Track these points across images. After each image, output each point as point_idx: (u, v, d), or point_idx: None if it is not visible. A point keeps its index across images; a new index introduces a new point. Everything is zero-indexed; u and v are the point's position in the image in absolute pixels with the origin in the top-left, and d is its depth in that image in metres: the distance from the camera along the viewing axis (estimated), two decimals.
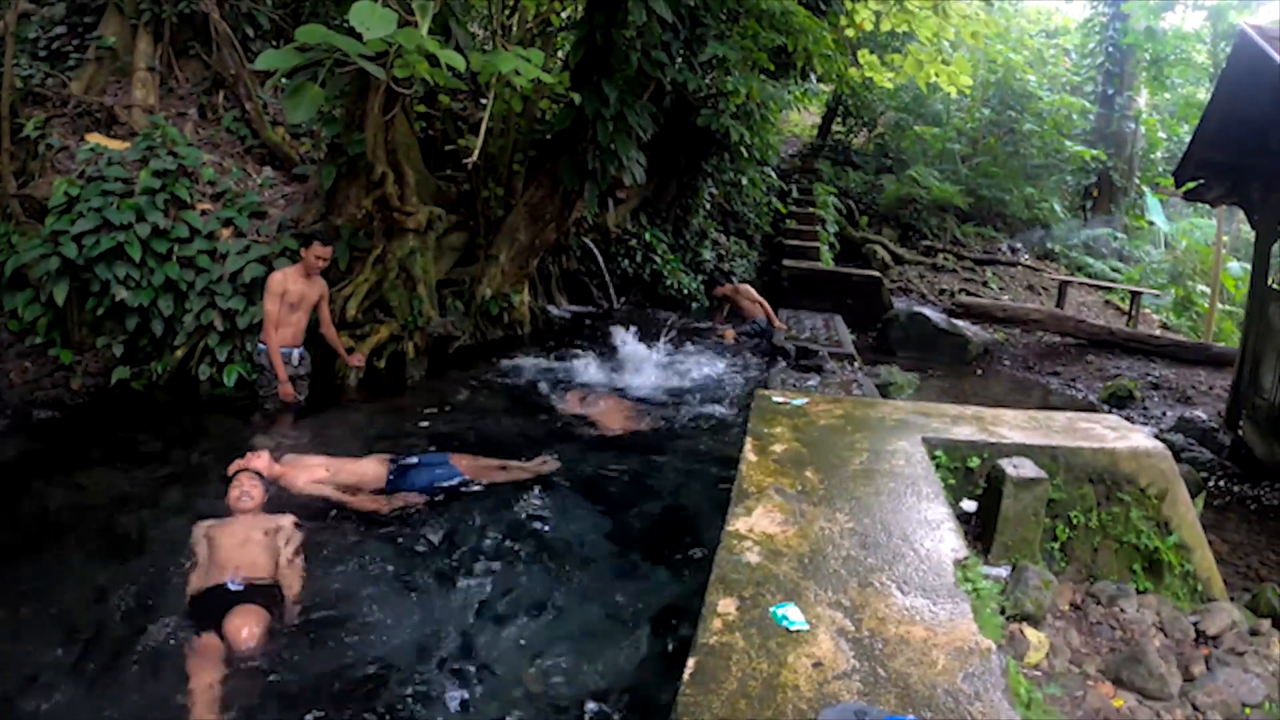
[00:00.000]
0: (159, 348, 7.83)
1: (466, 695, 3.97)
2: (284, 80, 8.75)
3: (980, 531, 4.51)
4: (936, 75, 12.47)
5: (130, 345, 7.73)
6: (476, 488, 5.88)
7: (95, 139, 8.66)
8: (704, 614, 3.10)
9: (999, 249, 19.73)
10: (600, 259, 12.63)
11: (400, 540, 5.25)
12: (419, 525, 5.41)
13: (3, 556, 5.01)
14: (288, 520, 5.05)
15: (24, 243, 7.54)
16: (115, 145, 8.54)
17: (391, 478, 5.75)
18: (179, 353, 7.82)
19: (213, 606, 4.32)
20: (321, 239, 7.28)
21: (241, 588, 4.42)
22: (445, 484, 5.78)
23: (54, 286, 7.40)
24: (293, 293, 7.20)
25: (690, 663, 2.82)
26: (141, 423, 7.15)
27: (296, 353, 7.37)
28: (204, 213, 8.26)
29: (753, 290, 11.86)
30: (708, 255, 14.17)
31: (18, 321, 7.57)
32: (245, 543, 4.73)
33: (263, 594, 4.44)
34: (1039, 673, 3.74)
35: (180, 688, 3.89)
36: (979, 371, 11.77)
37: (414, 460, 5.91)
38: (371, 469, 5.82)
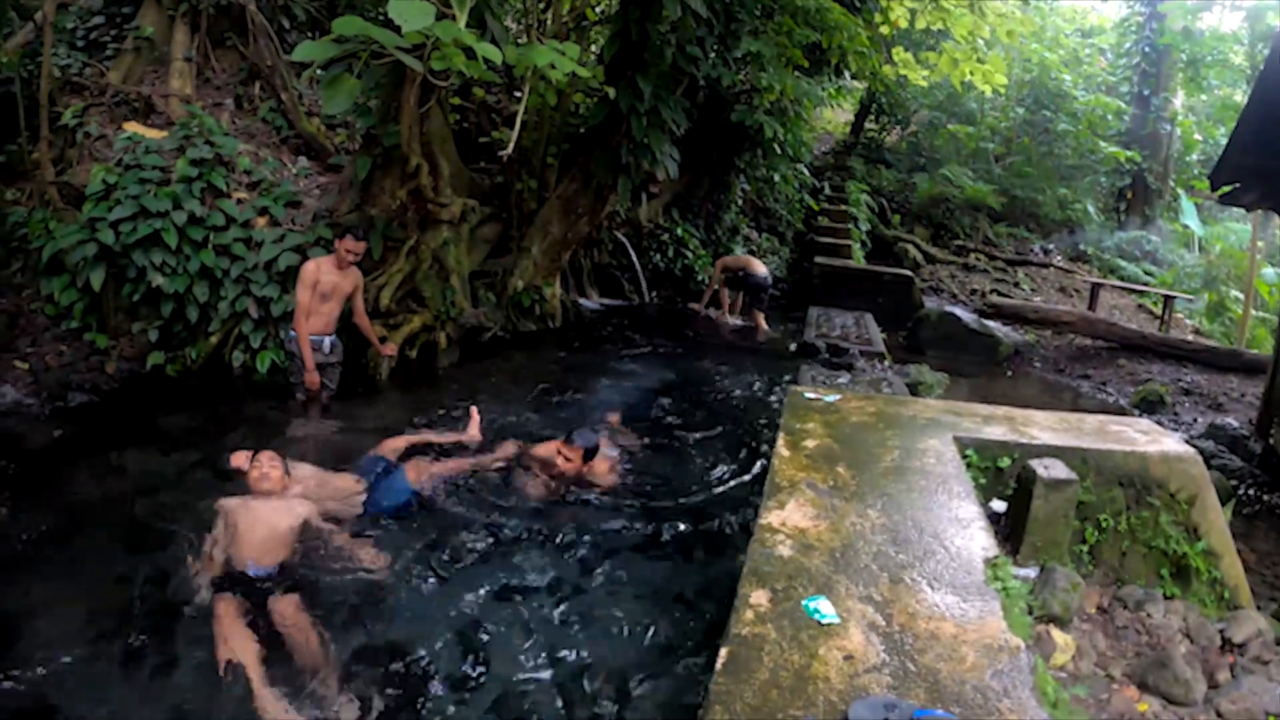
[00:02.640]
0: (194, 334, 7.90)
1: (489, 682, 4.00)
2: (320, 72, 8.87)
3: (1009, 532, 4.51)
4: (971, 74, 12.41)
5: (165, 331, 7.81)
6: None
7: (133, 128, 8.74)
8: (737, 605, 3.12)
9: (1031, 250, 19.59)
10: (632, 253, 12.66)
11: (418, 531, 5.29)
12: (437, 515, 5.47)
13: (39, 536, 5.09)
14: (309, 506, 5.04)
15: (61, 229, 7.63)
16: (152, 134, 8.62)
17: (367, 497, 5.59)
18: (213, 339, 7.89)
19: (236, 588, 4.38)
20: (354, 233, 7.31)
21: (264, 573, 4.48)
22: (403, 503, 5.60)
23: (91, 272, 7.48)
24: (325, 283, 7.24)
25: (723, 652, 2.85)
26: (175, 407, 7.22)
27: (328, 340, 7.42)
28: (240, 201, 8.34)
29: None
30: (739, 251, 14.14)
31: (54, 306, 7.66)
32: (265, 527, 4.76)
33: (287, 579, 4.49)
34: (1064, 674, 3.75)
35: (208, 665, 3.96)
36: (1009, 373, 11.71)
37: (376, 475, 5.73)
38: (350, 486, 5.63)
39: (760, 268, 12.12)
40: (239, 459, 5.61)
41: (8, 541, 5.02)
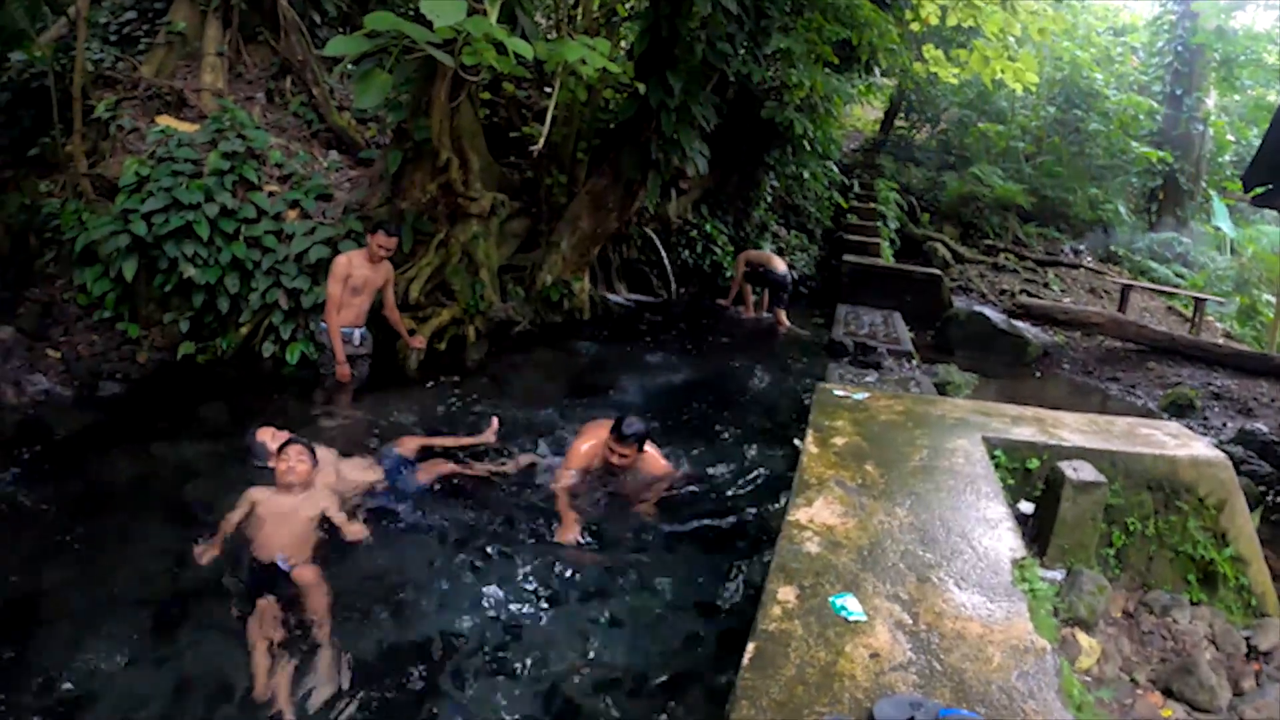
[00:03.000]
0: (224, 324, 7.97)
1: (513, 675, 4.02)
2: (351, 66, 8.92)
3: (1036, 534, 4.51)
4: (1002, 72, 12.33)
5: (196, 321, 7.87)
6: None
7: (165, 121, 8.81)
8: (764, 601, 3.14)
9: (1061, 250, 19.44)
10: (661, 249, 12.65)
11: (438, 523, 5.32)
12: (459, 509, 5.49)
13: (70, 522, 5.15)
14: (335, 502, 5.03)
15: (94, 220, 7.71)
16: (185, 127, 8.68)
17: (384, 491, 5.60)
18: (244, 330, 7.95)
19: (262, 580, 4.43)
20: (386, 229, 7.35)
21: (290, 566, 4.50)
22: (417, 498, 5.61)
23: (123, 263, 7.55)
24: (356, 277, 7.28)
25: (750, 648, 2.87)
26: (206, 397, 7.27)
27: (358, 333, 7.47)
28: (271, 194, 8.40)
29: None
30: (768, 248, 14.12)
31: (86, 296, 7.74)
32: (291, 521, 4.77)
33: (311, 571, 4.52)
34: (1089, 678, 3.75)
35: (234, 652, 4.02)
36: (1038, 374, 11.63)
37: (393, 470, 5.74)
38: (369, 478, 5.64)
39: (781, 265, 12.13)
40: (264, 434, 5.63)
41: (40, 527, 5.10)
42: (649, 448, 5.83)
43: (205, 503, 5.37)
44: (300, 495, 4.94)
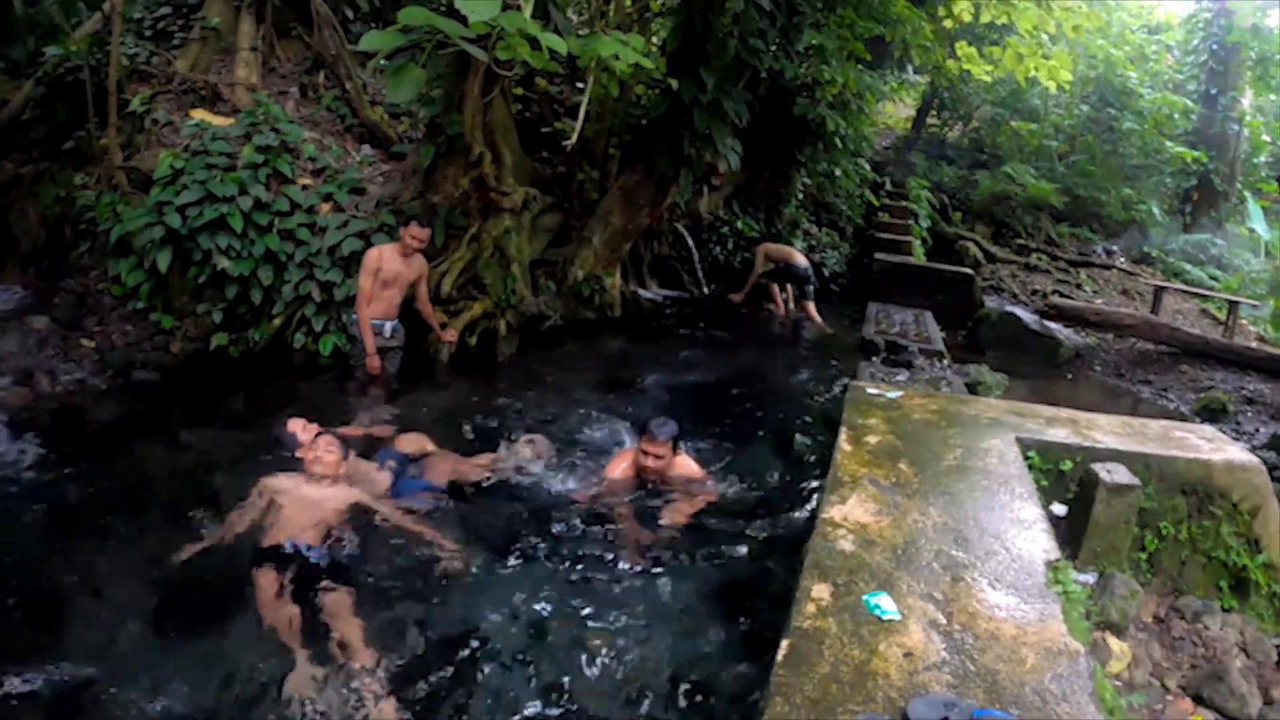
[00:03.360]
0: (257, 316, 8.02)
1: (537, 673, 4.01)
2: (384, 61, 8.97)
3: (1069, 536, 4.48)
4: (1036, 69, 12.22)
5: (229, 313, 7.92)
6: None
7: (200, 115, 8.88)
8: (798, 598, 3.15)
9: (1094, 251, 19.26)
10: (692, 245, 12.67)
11: (464, 518, 5.32)
12: (484, 505, 5.50)
13: (103, 509, 5.22)
14: (362, 496, 5.04)
15: (129, 212, 7.79)
16: (219, 121, 8.76)
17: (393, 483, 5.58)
18: (276, 321, 8.00)
19: (282, 563, 4.45)
20: (419, 221, 7.38)
21: (311, 552, 4.52)
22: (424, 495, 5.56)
23: (157, 254, 7.61)
24: (388, 270, 7.31)
25: (784, 644, 2.88)
26: (238, 387, 7.38)
27: (389, 325, 7.51)
28: (305, 187, 8.46)
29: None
30: (799, 245, 14.08)
31: (121, 287, 7.83)
32: (314, 509, 4.78)
33: (332, 559, 4.55)
34: (1120, 683, 3.74)
35: (258, 640, 4.06)
36: (1069, 376, 11.55)
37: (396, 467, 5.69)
38: (380, 476, 5.59)
39: (801, 258, 12.18)
40: (295, 425, 5.67)
41: (74, 514, 5.17)
42: (683, 453, 5.73)
43: (235, 492, 5.36)
44: (328, 486, 4.97)
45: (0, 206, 8.58)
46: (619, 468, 5.73)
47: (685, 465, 5.75)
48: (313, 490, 4.92)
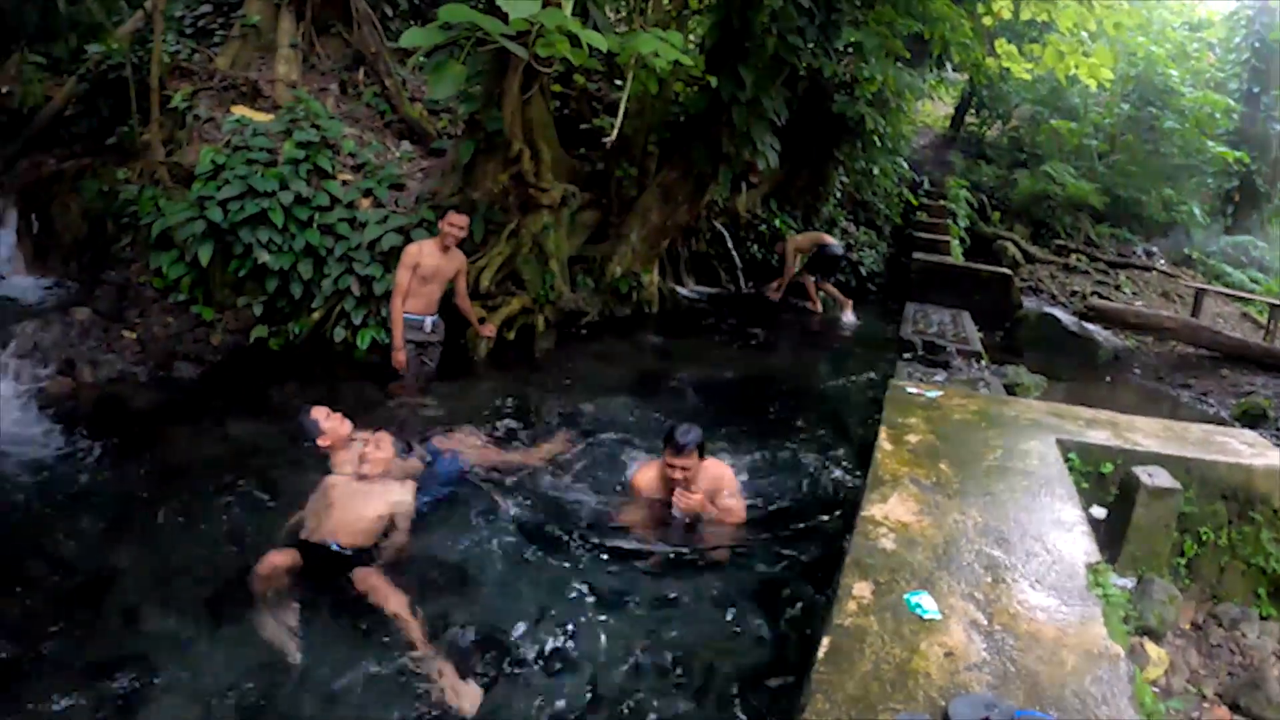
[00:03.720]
0: (297, 309, 8.10)
1: (572, 666, 4.02)
2: (424, 58, 9.03)
3: (1108, 540, 4.46)
4: (1077, 67, 12.10)
5: (269, 306, 8.02)
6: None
7: (241, 111, 8.99)
8: (839, 595, 3.16)
9: (1133, 252, 19.07)
10: (729, 242, 12.67)
11: (498, 513, 5.33)
12: (516, 499, 5.49)
13: (143, 498, 5.31)
14: (407, 494, 5.01)
15: (171, 206, 7.90)
16: (260, 117, 8.86)
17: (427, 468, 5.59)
18: (316, 315, 8.07)
19: (317, 561, 4.50)
20: (457, 209, 7.43)
21: (348, 552, 4.54)
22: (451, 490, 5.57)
23: (199, 248, 7.71)
24: (426, 266, 7.34)
25: (825, 642, 2.89)
26: (277, 379, 7.44)
27: (430, 320, 7.53)
28: (345, 183, 8.54)
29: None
30: (837, 243, 14.03)
31: (162, 279, 7.93)
32: (358, 510, 4.77)
33: (365, 559, 4.57)
34: (1156, 689, 3.73)
35: (293, 630, 4.11)
36: (1108, 379, 11.42)
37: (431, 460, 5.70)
38: (417, 467, 5.61)
39: (830, 239, 12.35)
40: (319, 413, 5.66)
41: (114, 502, 5.26)
42: (710, 458, 5.31)
43: (273, 483, 5.51)
44: (375, 484, 4.97)
45: (43, 200, 8.74)
46: (640, 485, 5.37)
47: (715, 471, 5.29)
48: (360, 489, 4.92)
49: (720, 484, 5.22)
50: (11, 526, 4.95)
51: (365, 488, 4.90)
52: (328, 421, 5.56)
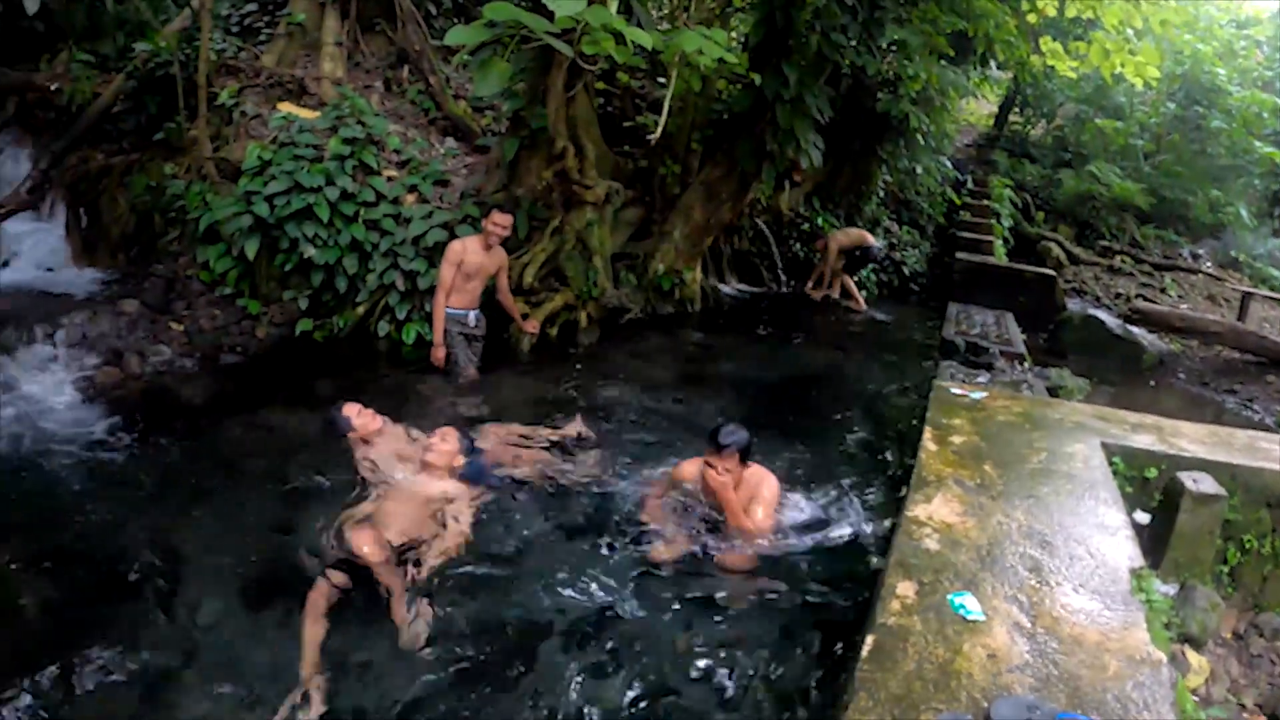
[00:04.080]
0: (342, 303, 8.21)
1: (614, 662, 4.02)
2: (469, 56, 9.10)
3: (1151, 546, 4.44)
4: (1122, 65, 11.97)
5: (314, 299, 8.14)
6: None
7: (287, 108, 9.10)
8: (882, 595, 3.18)
9: (1179, 254, 18.81)
10: (772, 241, 12.66)
11: (520, 507, 5.34)
12: (558, 495, 5.51)
13: (187, 487, 5.40)
14: (466, 493, 5.08)
15: (218, 201, 8.05)
16: (306, 114, 8.96)
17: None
18: (360, 309, 8.18)
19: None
20: (501, 208, 7.48)
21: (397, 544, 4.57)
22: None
23: (245, 242, 7.85)
24: (470, 263, 7.38)
25: (868, 640, 2.92)
26: (321, 372, 7.53)
27: (473, 315, 7.59)
28: (390, 179, 8.63)
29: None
30: (879, 243, 13.98)
31: (209, 273, 8.10)
32: (415, 503, 4.86)
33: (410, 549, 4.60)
34: (1196, 698, 3.71)
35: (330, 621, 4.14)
36: (1151, 383, 11.31)
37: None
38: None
39: (874, 240, 12.41)
40: (350, 409, 5.74)
41: (159, 490, 5.35)
42: (755, 465, 5.02)
43: (316, 473, 5.56)
44: (435, 480, 5.05)
45: (92, 195, 8.90)
46: (680, 473, 5.24)
47: (756, 479, 4.99)
48: (419, 484, 5.02)
49: (756, 492, 4.94)
50: (58, 512, 5.04)
51: (423, 481, 5.00)
52: (359, 418, 5.66)
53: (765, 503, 4.91)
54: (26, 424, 6.08)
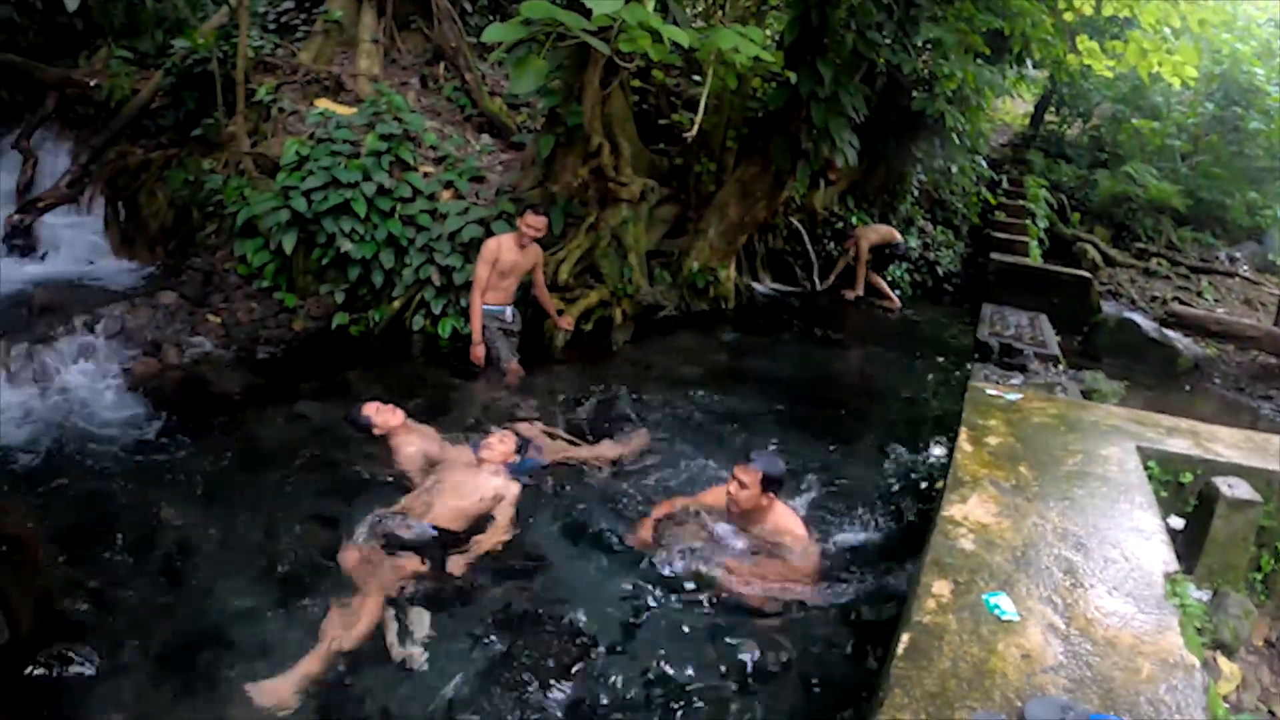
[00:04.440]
0: (378, 298, 8.31)
1: (653, 664, 4.02)
2: (505, 53, 9.16)
3: (1185, 551, 4.43)
4: (1160, 65, 11.85)
5: (351, 294, 8.24)
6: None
7: (324, 104, 9.22)
8: (918, 593, 3.21)
9: (1216, 257, 18.58)
10: (806, 239, 12.65)
11: (563, 505, 5.40)
12: (594, 495, 5.55)
13: (223, 477, 5.51)
14: (514, 490, 5.14)
15: (256, 196, 8.18)
16: (343, 110, 9.07)
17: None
18: (396, 303, 8.27)
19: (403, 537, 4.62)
20: (535, 209, 7.49)
21: (435, 533, 4.68)
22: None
23: (283, 236, 7.97)
24: (505, 260, 7.43)
25: (904, 638, 2.94)
26: (356, 365, 7.64)
27: (509, 310, 7.65)
28: (426, 175, 8.71)
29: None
30: (914, 243, 13.93)
31: (246, 266, 8.24)
32: (462, 493, 4.95)
33: (452, 542, 4.68)
34: (1227, 704, 3.71)
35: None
36: (1187, 387, 11.19)
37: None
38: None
39: (899, 236, 12.47)
40: (370, 408, 5.85)
41: (195, 479, 5.44)
42: (780, 502, 4.92)
43: (351, 465, 5.67)
44: (487, 473, 5.14)
45: (131, 189, 9.06)
46: (709, 493, 5.20)
47: (782, 517, 4.90)
48: (470, 475, 5.11)
49: (779, 536, 4.83)
50: (96, 500, 5.14)
51: (474, 475, 5.09)
52: (378, 416, 5.77)
53: (790, 540, 4.81)
54: (66, 412, 6.21)
